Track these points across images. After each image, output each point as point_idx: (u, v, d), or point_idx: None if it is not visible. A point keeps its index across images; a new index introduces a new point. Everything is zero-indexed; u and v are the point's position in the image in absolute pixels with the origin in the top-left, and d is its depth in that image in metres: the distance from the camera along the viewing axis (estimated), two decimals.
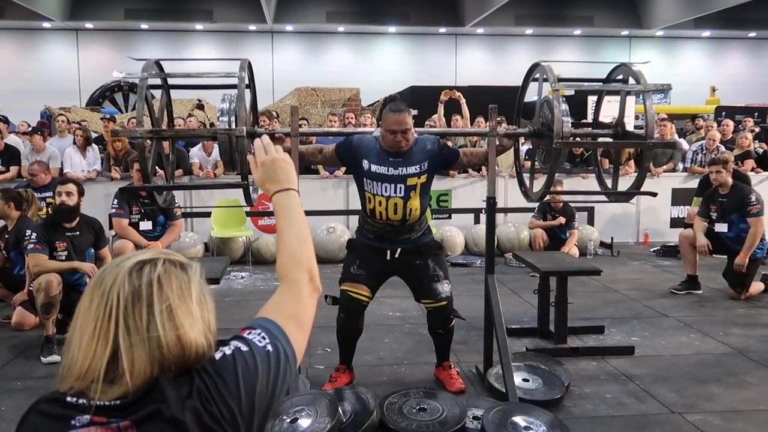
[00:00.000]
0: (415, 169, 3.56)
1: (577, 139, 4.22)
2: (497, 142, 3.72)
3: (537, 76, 3.76)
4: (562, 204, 7.06)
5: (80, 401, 1.03)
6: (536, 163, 4.12)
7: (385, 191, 3.55)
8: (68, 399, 1.04)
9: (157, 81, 3.53)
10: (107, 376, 1.03)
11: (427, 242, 3.78)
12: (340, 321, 3.77)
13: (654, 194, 3.87)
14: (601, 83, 4.04)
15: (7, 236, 5.10)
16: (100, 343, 1.04)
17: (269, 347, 1.16)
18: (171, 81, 3.66)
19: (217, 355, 1.12)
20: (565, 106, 3.46)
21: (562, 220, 7.03)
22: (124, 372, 1.02)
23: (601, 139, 3.95)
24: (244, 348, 1.14)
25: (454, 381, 3.82)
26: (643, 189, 3.78)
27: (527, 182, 4.15)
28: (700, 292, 6.06)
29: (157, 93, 3.75)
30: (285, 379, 1.17)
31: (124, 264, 1.11)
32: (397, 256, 3.67)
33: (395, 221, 3.60)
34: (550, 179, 3.67)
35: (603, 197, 4.29)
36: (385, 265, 3.72)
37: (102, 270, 1.13)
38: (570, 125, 3.46)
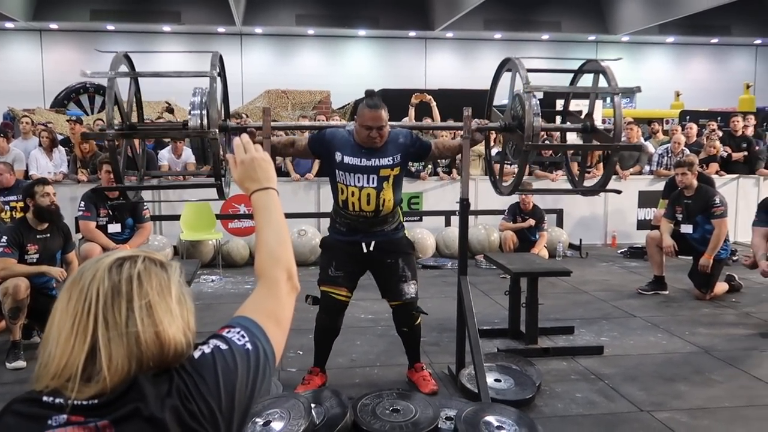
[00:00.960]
0: (388, 161, 3.60)
1: (547, 138, 4.31)
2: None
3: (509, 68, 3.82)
4: (531, 206, 7.12)
5: (57, 400, 1.01)
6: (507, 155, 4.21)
7: (358, 182, 3.59)
8: (44, 398, 1.02)
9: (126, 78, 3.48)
10: (84, 374, 1.02)
11: (400, 238, 3.82)
12: (321, 320, 3.79)
13: (618, 192, 4.07)
14: (571, 73, 4.16)
15: None
16: (78, 338, 1.03)
17: (249, 345, 1.16)
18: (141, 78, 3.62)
19: (196, 354, 1.12)
20: (535, 101, 3.53)
21: (531, 222, 7.10)
22: (101, 368, 1.01)
23: (570, 139, 4.04)
24: (224, 346, 1.13)
25: (426, 383, 3.83)
26: (608, 188, 3.91)
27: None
28: (667, 292, 6.17)
29: (125, 88, 3.68)
30: (264, 378, 1.17)
31: (103, 261, 1.10)
32: (372, 249, 3.69)
33: (368, 212, 3.63)
34: (520, 175, 3.76)
35: (571, 192, 4.39)
36: (360, 261, 3.75)
37: (81, 267, 1.12)
38: (540, 122, 3.52)
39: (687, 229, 6.08)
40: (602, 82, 3.90)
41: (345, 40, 20.98)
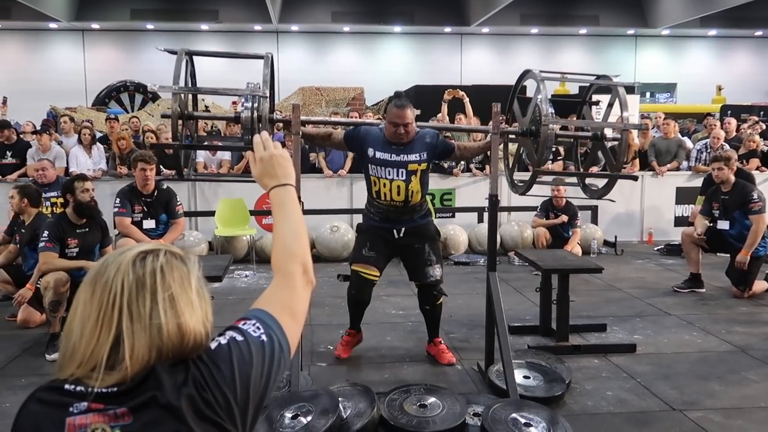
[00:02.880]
0: (416, 157, 3.93)
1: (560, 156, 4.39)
2: (488, 139, 3.95)
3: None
4: (564, 202, 7.06)
5: (78, 388, 1.05)
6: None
7: (389, 175, 3.93)
8: (66, 387, 1.06)
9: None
10: (108, 363, 1.05)
11: (428, 224, 4.18)
12: (351, 295, 4.19)
13: (612, 200, 4.36)
14: (586, 81, 4.30)
15: (23, 231, 5.13)
16: (104, 330, 1.06)
17: (264, 337, 1.19)
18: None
19: (213, 345, 1.15)
20: (551, 110, 3.63)
21: (564, 218, 7.04)
22: (124, 358, 1.04)
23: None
24: (239, 338, 1.17)
25: (444, 354, 4.24)
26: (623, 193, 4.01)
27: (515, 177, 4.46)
28: (704, 290, 6.06)
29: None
30: (279, 369, 1.19)
31: (126, 254, 1.13)
32: (402, 234, 4.06)
33: (398, 202, 3.98)
34: (533, 179, 3.96)
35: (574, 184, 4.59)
36: (392, 245, 4.12)
37: (104, 260, 1.15)
38: (554, 129, 3.67)
39: (723, 225, 5.97)
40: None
41: (380, 37, 20.98)
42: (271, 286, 1.33)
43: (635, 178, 4.97)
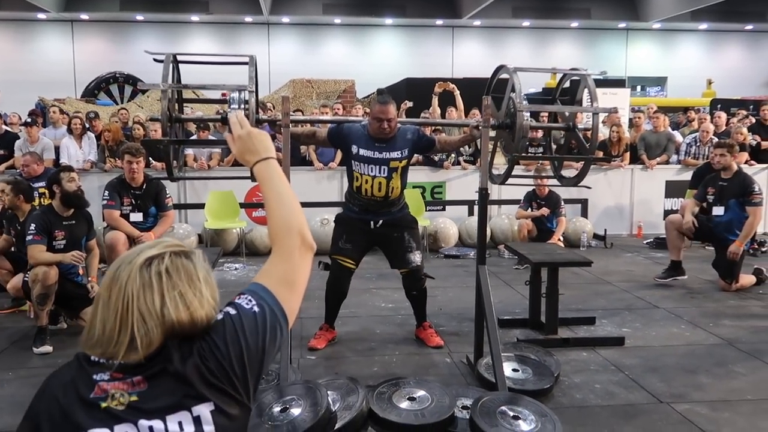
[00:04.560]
0: (398, 154, 4.07)
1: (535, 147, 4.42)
2: (467, 132, 4.11)
3: (503, 75, 4.02)
4: (547, 191, 7.02)
5: (102, 360, 1.22)
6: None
7: (371, 171, 4.07)
8: (92, 358, 1.23)
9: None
10: (126, 353, 1.20)
11: (405, 215, 4.33)
12: (330, 284, 4.34)
13: (588, 187, 4.32)
14: (557, 71, 4.39)
15: (18, 227, 5.10)
16: (122, 331, 1.20)
17: (255, 308, 1.29)
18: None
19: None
20: (526, 103, 3.70)
21: (545, 211, 6.95)
22: (139, 349, 1.19)
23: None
24: (233, 311, 1.28)
25: (433, 338, 4.40)
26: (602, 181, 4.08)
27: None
28: (685, 277, 6.08)
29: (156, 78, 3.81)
30: (275, 337, 1.29)
31: (136, 261, 1.24)
32: (378, 225, 4.21)
33: (379, 197, 4.13)
34: (510, 168, 4.03)
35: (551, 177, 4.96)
36: (368, 236, 4.27)
37: (117, 266, 1.26)
38: (529, 122, 3.74)
39: (718, 211, 5.97)
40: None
41: (371, 29, 20.95)
42: (270, 260, 1.39)
43: (609, 161, 5.00)
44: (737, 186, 5.91)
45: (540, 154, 7.89)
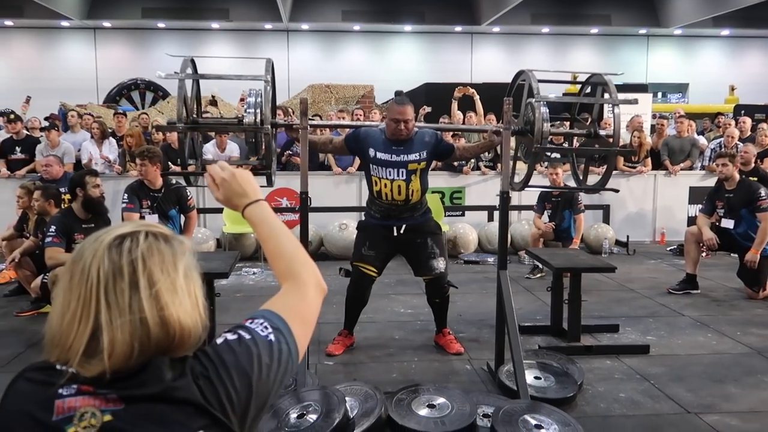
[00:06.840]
0: (415, 156, 4.01)
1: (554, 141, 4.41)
2: (487, 138, 4.00)
3: (522, 80, 3.94)
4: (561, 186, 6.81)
5: (70, 369, 1.01)
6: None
7: (390, 175, 4.02)
8: (57, 367, 1.02)
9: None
10: (87, 351, 1.00)
11: (428, 220, 4.25)
12: (350, 291, 4.29)
13: (616, 190, 4.35)
14: (577, 83, 4.29)
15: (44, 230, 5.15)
16: (83, 321, 1.01)
17: (271, 337, 1.14)
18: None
19: (219, 340, 1.11)
20: (545, 109, 3.64)
21: (551, 225, 6.72)
22: (102, 351, 0.99)
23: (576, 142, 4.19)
24: (246, 336, 1.12)
25: (452, 344, 4.33)
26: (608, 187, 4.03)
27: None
28: (698, 291, 5.94)
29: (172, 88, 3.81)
30: (285, 371, 1.15)
31: (103, 238, 1.07)
32: (402, 231, 4.13)
33: (399, 201, 4.07)
34: (529, 173, 3.91)
35: (575, 189, 4.84)
36: (392, 243, 4.19)
37: (81, 244, 1.09)
38: (549, 127, 3.68)
39: (728, 224, 5.87)
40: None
41: (390, 36, 20.92)
42: (283, 293, 1.26)
43: (633, 154, 4.90)
44: (743, 195, 5.82)
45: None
